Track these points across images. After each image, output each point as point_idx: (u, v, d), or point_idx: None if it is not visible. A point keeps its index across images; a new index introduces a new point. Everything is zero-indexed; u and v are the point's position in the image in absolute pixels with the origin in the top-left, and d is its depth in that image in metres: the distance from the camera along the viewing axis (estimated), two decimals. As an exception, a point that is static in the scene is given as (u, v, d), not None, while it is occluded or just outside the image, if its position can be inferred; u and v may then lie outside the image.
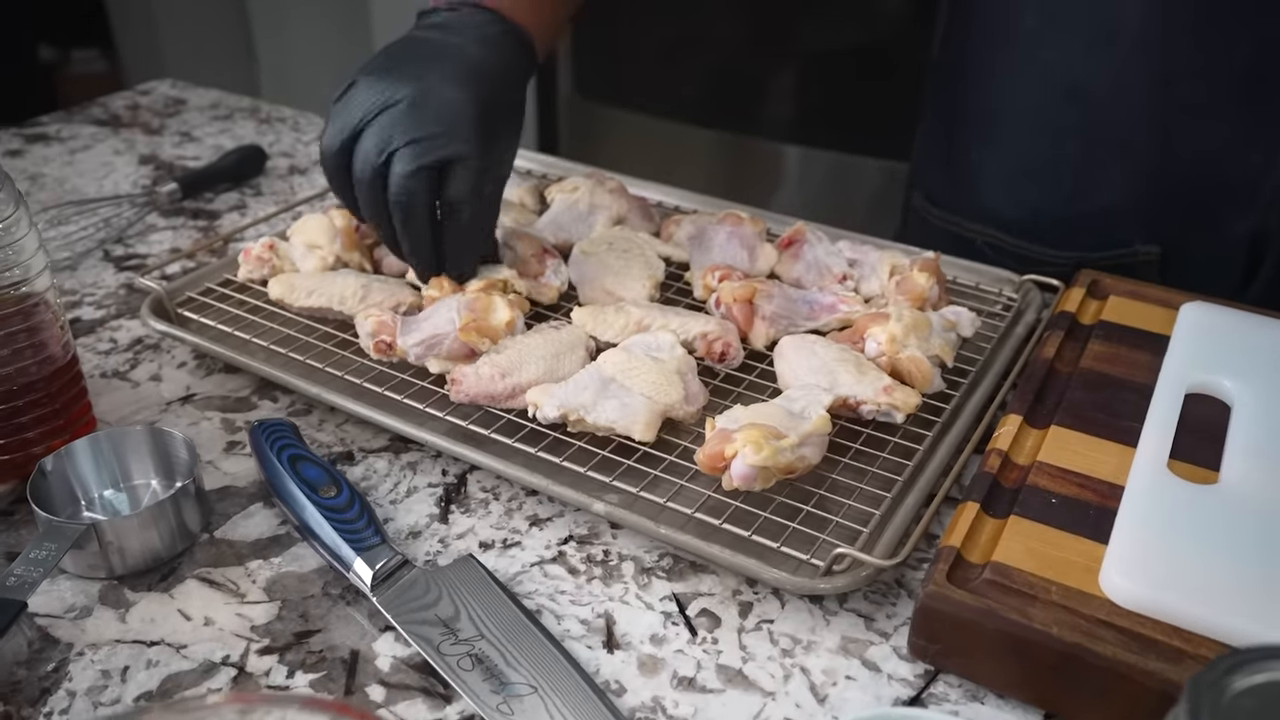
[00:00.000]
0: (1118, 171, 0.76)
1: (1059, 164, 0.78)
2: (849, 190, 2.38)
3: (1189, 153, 0.73)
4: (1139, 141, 0.74)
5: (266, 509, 0.60)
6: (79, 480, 0.58)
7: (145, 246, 0.87)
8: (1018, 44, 0.77)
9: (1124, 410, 0.59)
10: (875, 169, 2.33)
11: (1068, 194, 0.78)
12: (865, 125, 2.33)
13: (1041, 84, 0.77)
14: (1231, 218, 0.74)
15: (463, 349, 0.65)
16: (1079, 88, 0.75)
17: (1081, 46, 0.73)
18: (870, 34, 2.27)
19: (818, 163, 2.42)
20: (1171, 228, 0.76)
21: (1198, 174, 0.73)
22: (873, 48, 2.26)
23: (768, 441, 0.54)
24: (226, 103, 1.16)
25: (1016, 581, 0.48)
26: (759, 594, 0.54)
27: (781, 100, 2.46)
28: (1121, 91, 0.73)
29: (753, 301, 0.69)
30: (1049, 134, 0.78)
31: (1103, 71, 0.73)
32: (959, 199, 0.86)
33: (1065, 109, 0.76)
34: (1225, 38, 0.68)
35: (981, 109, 0.83)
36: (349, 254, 0.76)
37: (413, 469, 0.63)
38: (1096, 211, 0.78)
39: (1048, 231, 0.80)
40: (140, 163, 1.02)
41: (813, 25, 2.34)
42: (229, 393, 0.69)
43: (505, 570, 0.56)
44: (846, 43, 2.31)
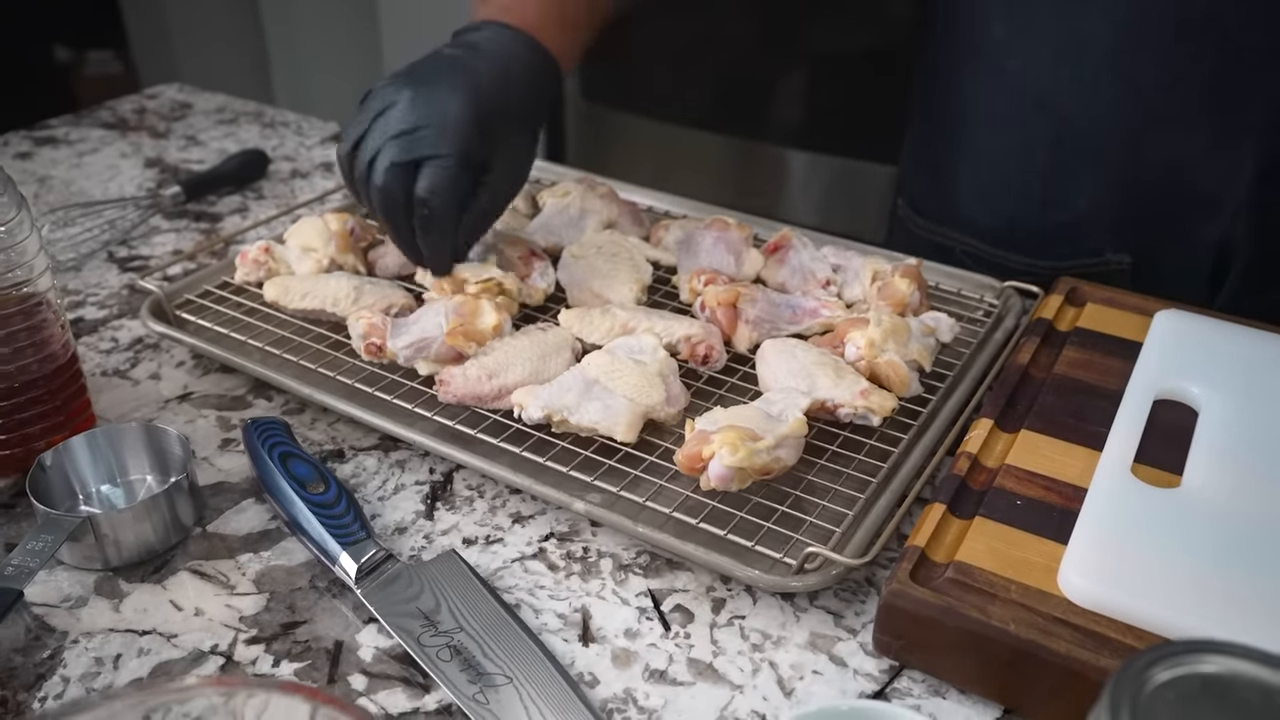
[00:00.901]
0: (1088, 181, 0.77)
1: (1030, 174, 0.79)
2: (854, 196, 2.39)
3: (1158, 162, 0.74)
4: (1108, 151, 0.75)
5: (258, 504, 0.61)
6: (77, 475, 0.60)
7: (148, 248, 0.89)
8: (985, 53, 0.79)
9: (1093, 415, 0.60)
10: (881, 175, 2.34)
11: (1039, 203, 0.80)
12: (871, 131, 2.34)
13: (1010, 94, 0.78)
14: (1200, 226, 0.75)
15: (450, 352, 0.67)
16: (1047, 98, 0.76)
17: (1049, 57, 0.75)
18: (877, 39, 2.28)
19: (823, 168, 2.43)
20: (1142, 236, 0.77)
21: (1167, 183, 0.75)
22: (880, 53, 2.28)
23: (744, 443, 0.56)
24: (232, 107, 1.18)
25: (977, 580, 0.49)
26: (732, 590, 0.56)
27: (788, 105, 2.48)
28: (1090, 102, 0.74)
29: (736, 305, 0.71)
30: (1019, 144, 0.79)
31: (1072, 82, 0.74)
32: (939, 207, 0.87)
33: (1034, 119, 0.77)
34: (1194, 50, 0.70)
35: (955, 118, 0.84)
36: (343, 256, 0.78)
37: (401, 467, 0.65)
38: (1068, 221, 0.79)
39: (1022, 240, 0.82)
40: (146, 165, 1.04)
41: (819, 30, 2.35)
42: (225, 392, 0.71)
43: (487, 565, 0.57)
44: (853, 47, 2.32)
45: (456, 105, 0.66)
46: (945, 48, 0.83)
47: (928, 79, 0.89)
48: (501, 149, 0.69)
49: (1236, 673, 0.30)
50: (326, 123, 1.14)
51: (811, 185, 2.46)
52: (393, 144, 0.65)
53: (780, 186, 2.49)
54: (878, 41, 2.28)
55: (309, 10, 2.92)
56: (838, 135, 2.38)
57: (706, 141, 2.56)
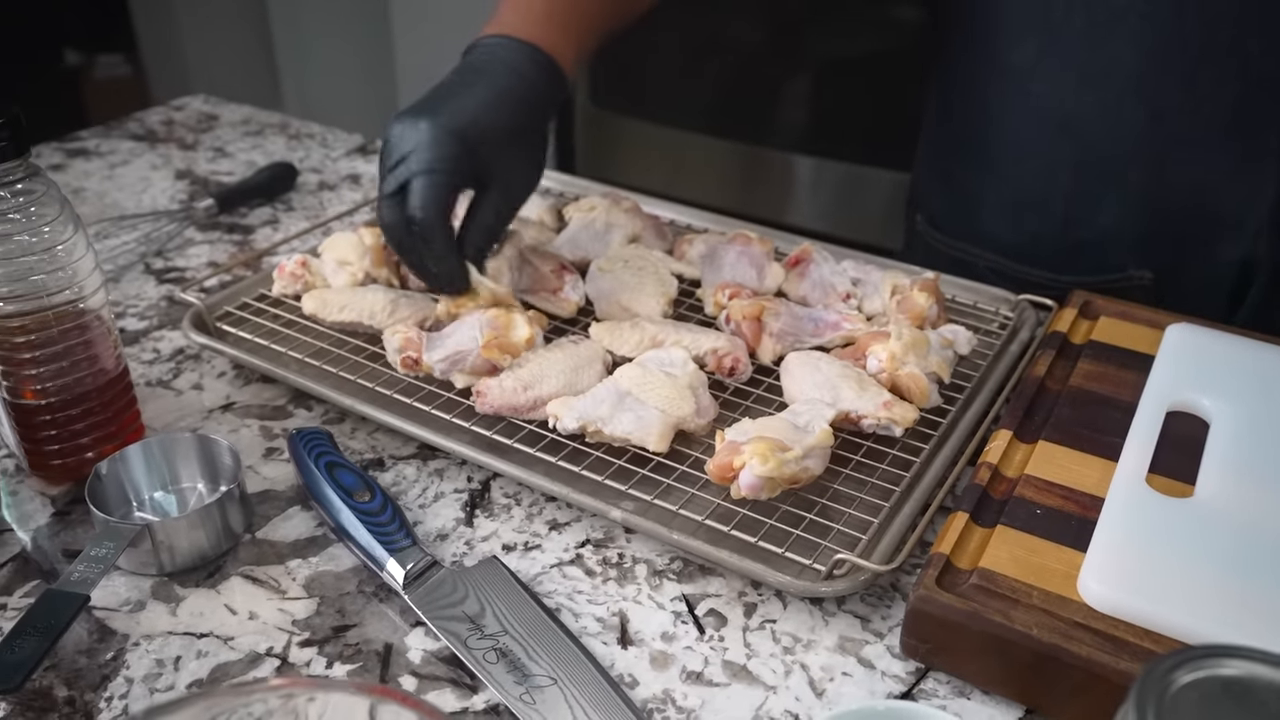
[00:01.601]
0: (1111, 201, 0.79)
1: (1053, 193, 0.82)
2: (863, 202, 2.41)
3: (1181, 184, 0.77)
4: (1131, 173, 0.78)
5: (304, 511, 0.64)
6: (131, 483, 0.63)
7: (184, 260, 0.91)
8: (1010, 76, 0.81)
9: (1108, 426, 0.63)
10: (889, 181, 2.36)
11: (1062, 222, 0.82)
12: (879, 137, 2.37)
13: (1034, 116, 0.81)
14: (1222, 245, 0.78)
15: (485, 364, 0.69)
16: (1072, 120, 0.78)
17: (1074, 81, 0.77)
18: (882, 44, 2.30)
19: (831, 174, 2.45)
20: (1164, 254, 0.80)
21: (1189, 204, 0.77)
22: (887, 59, 2.30)
23: (774, 453, 0.58)
24: (257, 119, 1.21)
25: (1001, 586, 0.52)
26: (763, 595, 0.58)
27: (795, 111, 2.50)
28: (1114, 125, 0.77)
29: (761, 319, 0.73)
30: (1043, 165, 0.81)
31: (1096, 106, 0.77)
32: (960, 224, 0.90)
33: (1058, 140, 0.80)
34: (1217, 76, 0.72)
35: (977, 140, 0.86)
36: (377, 270, 0.80)
37: (440, 475, 0.67)
38: (1091, 239, 0.81)
39: (1045, 257, 0.84)
40: (176, 177, 1.06)
41: (827, 36, 2.37)
42: (266, 402, 0.73)
43: (526, 571, 0.60)
44: (860, 53, 2.34)
45: (434, 127, 0.67)
46: (966, 68, 0.86)
47: (946, 97, 0.91)
48: (497, 162, 0.70)
49: (1255, 676, 0.33)
50: (351, 135, 1.17)
51: (818, 190, 2.48)
52: (387, 180, 0.69)
53: (787, 192, 2.51)
54: (883, 46, 2.30)
55: (318, 15, 2.94)
56: (844, 140, 2.40)
57: (714, 147, 2.59)
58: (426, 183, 0.67)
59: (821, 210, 2.50)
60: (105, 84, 3.37)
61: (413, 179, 0.67)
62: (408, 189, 0.67)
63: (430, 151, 0.67)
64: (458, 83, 0.71)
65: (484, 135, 0.69)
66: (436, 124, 0.67)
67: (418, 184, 0.67)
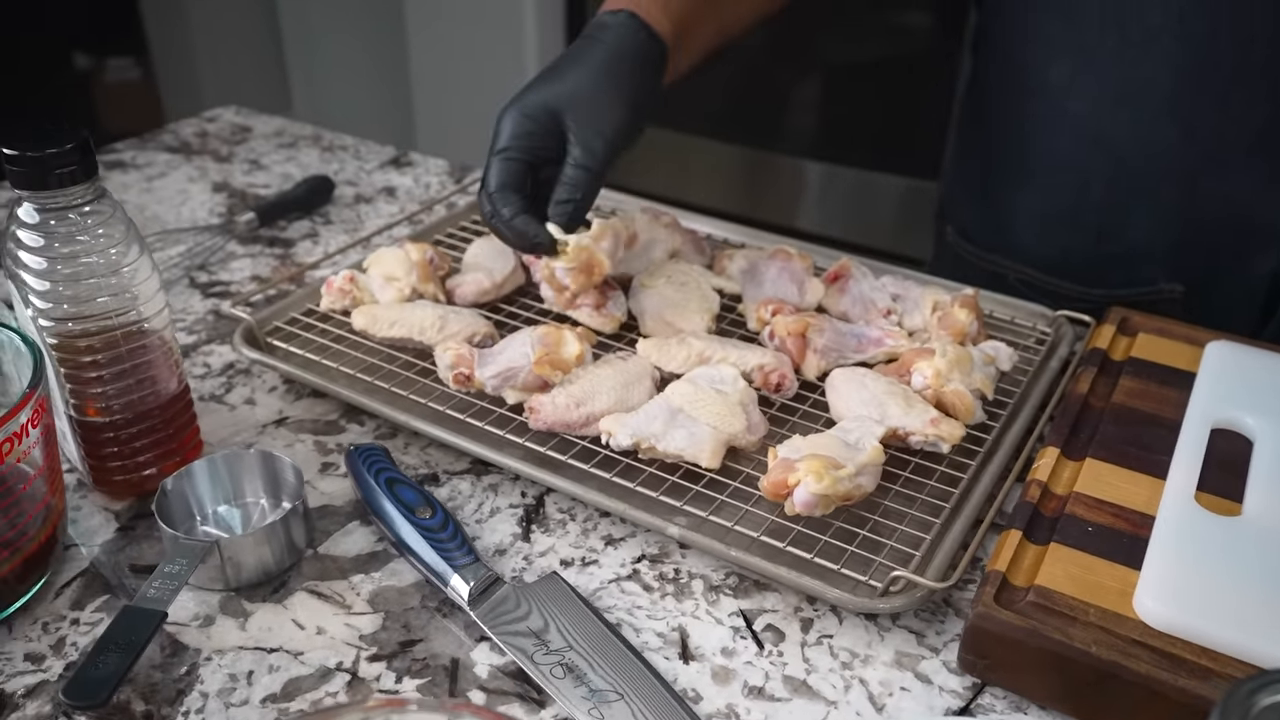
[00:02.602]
0: (1143, 216, 0.81)
1: (1085, 208, 0.83)
2: (873, 208, 2.43)
3: (1213, 200, 0.78)
4: (1164, 189, 0.79)
5: (363, 526, 0.65)
6: (195, 498, 0.64)
7: (227, 274, 0.93)
8: (1044, 93, 0.82)
9: (1154, 444, 0.64)
10: (897, 186, 2.38)
11: (1094, 236, 0.83)
12: (888, 142, 2.38)
13: (1068, 133, 0.82)
14: (1253, 259, 0.79)
15: (536, 380, 0.70)
16: (1105, 137, 0.80)
17: (1110, 100, 0.78)
18: (895, 50, 2.32)
19: (839, 179, 2.47)
20: (1195, 268, 0.81)
21: (1221, 219, 0.78)
22: (897, 64, 2.31)
23: (828, 471, 0.60)
24: (290, 130, 1.22)
25: (1058, 604, 0.53)
26: (819, 611, 0.59)
27: (804, 115, 2.51)
28: (1148, 143, 0.78)
29: (805, 335, 0.74)
30: (1075, 180, 0.83)
31: (1130, 124, 0.78)
32: (993, 237, 0.91)
33: (1091, 157, 0.81)
34: (1250, 96, 0.73)
35: (1010, 154, 0.88)
36: (424, 285, 0.81)
37: (494, 490, 0.68)
38: (1122, 253, 0.83)
39: (1077, 270, 0.85)
40: (214, 190, 1.08)
41: (836, 41, 2.39)
42: (318, 416, 0.75)
43: (585, 586, 0.61)
44: (870, 59, 2.36)
45: (511, 111, 0.73)
46: (999, 84, 0.87)
47: (977, 110, 0.92)
48: (576, 126, 0.72)
49: (1336, 700, 0.34)
50: (384, 146, 1.18)
51: (826, 196, 2.49)
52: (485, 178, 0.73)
53: (794, 197, 2.53)
54: (891, 52, 2.31)
55: (329, 17, 2.95)
56: (852, 146, 2.42)
57: (719, 151, 2.60)
58: (497, 162, 0.72)
59: (829, 215, 2.51)
60: (116, 88, 3.38)
61: (490, 161, 0.72)
62: (486, 173, 0.73)
63: (505, 133, 0.72)
64: (554, 64, 0.75)
65: (562, 106, 0.72)
66: (514, 108, 0.73)
67: (491, 166, 0.72)
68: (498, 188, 0.72)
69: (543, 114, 0.72)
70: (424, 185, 1.10)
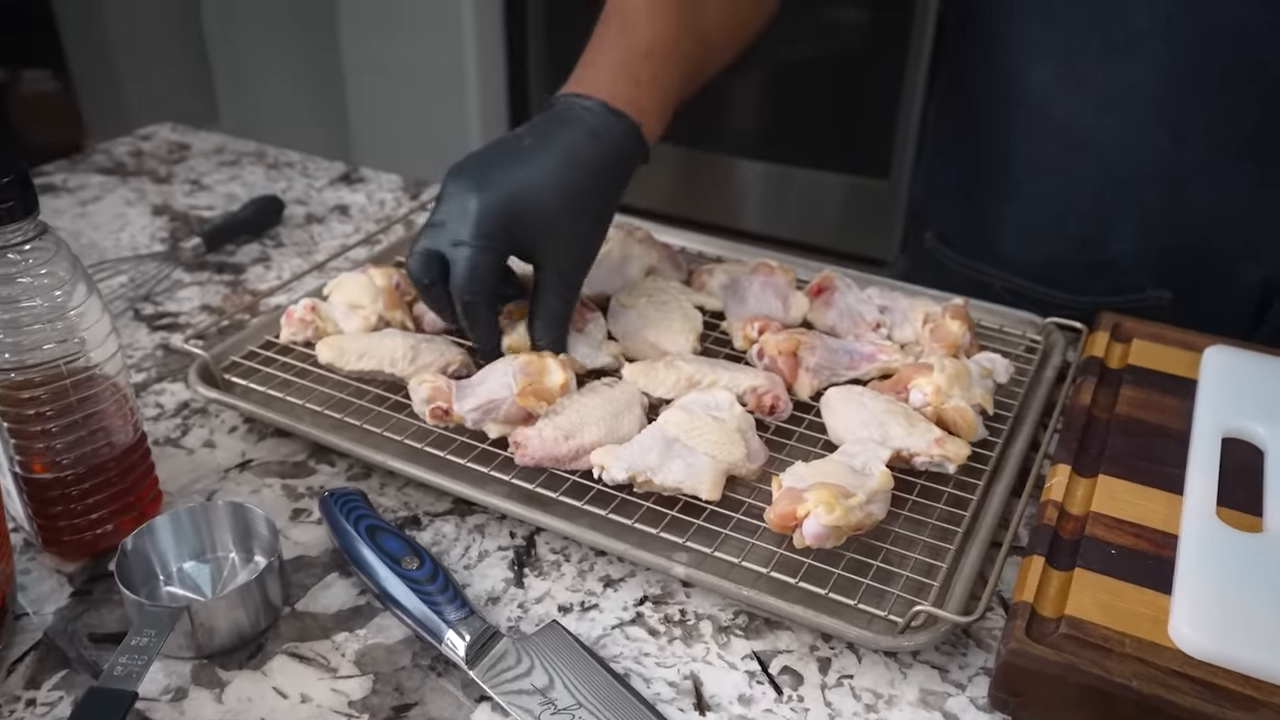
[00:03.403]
0: (1130, 222, 0.79)
1: (1071, 215, 0.81)
2: (822, 207, 2.42)
3: (1200, 206, 0.77)
4: (1151, 195, 0.78)
5: (343, 578, 0.61)
6: (158, 556, 0.59)
7: (175, 304, 0.87)
8: (1027, 100, 0.81)
9: (1165, 457, 0.62)
10: (846, 185, 2.37)
11: (1080, 244, 0.82)
12: (835, 141, 2.37)
13: (1052, 138, 0.80)
14: (1243, 265, 0.78)
15: (520, 412, 0.67)
16: (1091, 143, 0.78)
17: (1093, 104, 0.77)
18: (837, 48, 2.30)
19: (788, 180, 2.45)
20: (1183, 275, 0.80)
21: (1209, 225, 0.77)
22: (840, 63, 2.30)
23: (839, 501, 0.57)
24: (231, 147, 1.16)
25: (1091, 635, 0.50)
26: (835, 649, 0.57)
27: (749, 116, 2.49)
28: (1134, 148, 0.76)
29: (797, 353, 0.71)
30: (1061, 186, 0.81)
31: (1115, 129, 0.76)
32: (977, 244, 0.89)
33: (1077, 163, 0.79)
34: (1237, 100, 0.72)
35: (993, 159, 0.86)
36: (391, 313, 0.77)
37: (480, 532, 0.64)
38: (1109, 260, 0.81)
39: (1063, 278, 0.84)
40: (154, 214, 1.02)
41: (779, 40, 2.37)
42: (285, 458, 0.70)
43: (587, 634, 0.57)
44: (812, 57, 2.34)
45: (477, 199, 0.66)
46: (979, 88, 0.85)
47: (955, 114, 0.90)
48: (547, 239, 0.68)
49: None
50: (332, 163, 1.13)
51: (771, 197, 2.48)
52: (425, 234, 0.68)
53: (740, 198, 2.50)
54: (833, 50, 2.29)
55: (256, 28, 2.86)
56: (798, 145, 2.40)
57: (667, 154, 2.57)
58: (469, 263, 0.65)
59: (775, 216, 2.50)
60: (33, 99, 3.25)
61: (458, 250, 0.66)
62: (451, 260, 0.66)
63: (474, 230, 0.65)
64: (528, 145, 0.68)
65: (545, 213, 0.67)
66: (484, 198, 0.66)
67: (460, 262, 0.66)
68: (475, 296, 0.66)
69: (522, 217, 0.66)
70: (378, 202, 1.05)
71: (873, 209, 2.32)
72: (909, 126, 2.17)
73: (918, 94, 2.13)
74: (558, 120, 0.69)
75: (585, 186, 0.68)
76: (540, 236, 0.68)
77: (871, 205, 2.31)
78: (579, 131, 0.68)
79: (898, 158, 2.21)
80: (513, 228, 0.66)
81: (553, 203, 0.67)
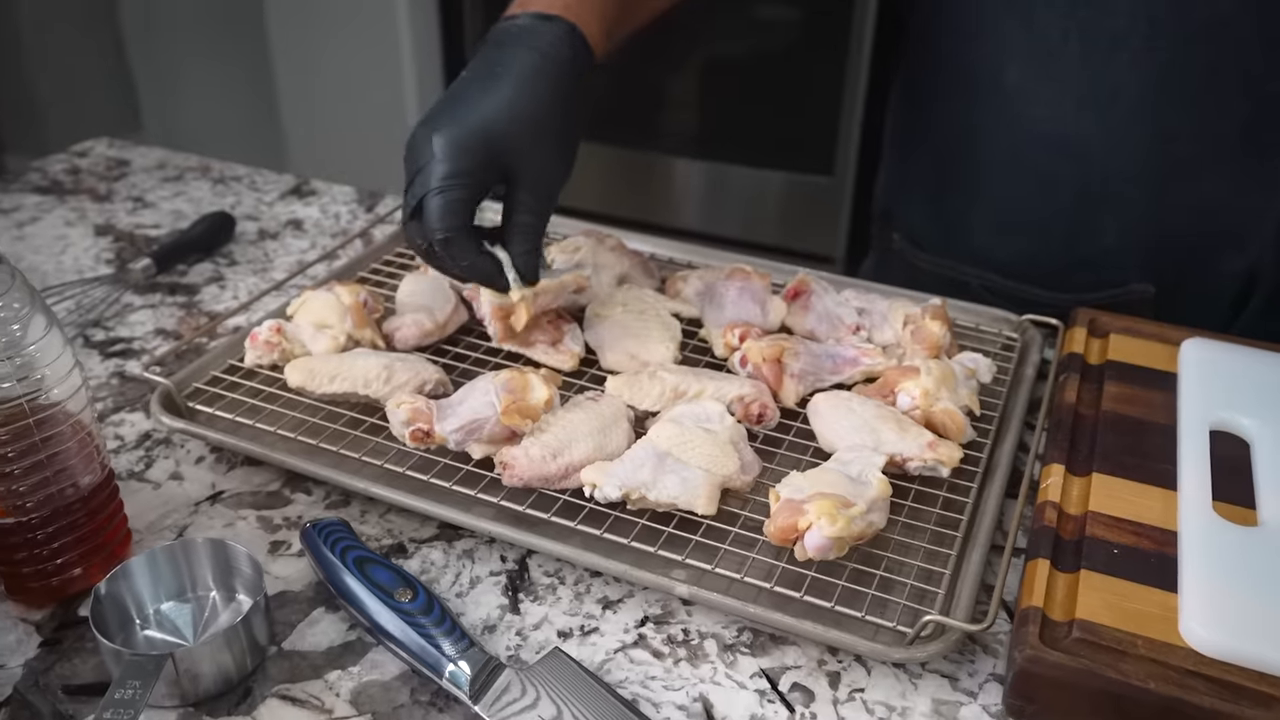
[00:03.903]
0: (1114, 220, 0.79)
1: (1053, 215, 0.81)
2: (765, 205, 2.42)
3: (1186, 203, 0.77)
4: (1135, 193, 0.78)
5: (330, 613, 0.58)
6: (134, 598, 0.56)
7: (127, 329, 0.83)
8: (1002, 100, 0.80)
9: (1154, 452, 0.62)
10: (787, 182, 2.37)
11: (1062, 242, 0.82)
12: (775, 138, 2.37)
13: (1031, 139, 0.80)
14: (1226, 258, 0.78)
15: (504, 431, 0.65)
16: (1072, 144, 0.78)
17: (1073, 104, 0.77)
18: (775, 45, 2.30)
19: (728, 178, 2.45)
20: (1166, 269, 0.80)
21: (1194, 220, 0.77)
22: (778, 59, 2.30)
23: (840, 512, 0.56)
24: (173, 162, 1.12)
25: (1104, 638, 0.50)
26: (843, 662, 0.56)
27: (689, 114, 2.48)
28: (1117, 148, 0.76)
29: (781, 360, 0.71)
30: (1041, 186, 0.81)
31: (1097, 129, 0.76)
32: (950, 243, 0.89)
33: (1058, 163, 0.79)
34: (1221, 99, 0.72)
35: (966, 159, 0.85)
36: (360, 331, 0.75)
37: (470, 557, 0.62)
38: (1092, 257, 0.81)
39: (1044, 275, 0.84)
40: (97, 234, 0.97)
41: (723, 38, 2.36)
42: (258, 488, 0.67)
43: (590, 659, 0.56)
44: (749, 54, 2.34)
45: (446, 140, 0.64)
46: (947, 87, 0.84)
47: (922, 113, 0.90)
48: (522, 158, 0.67)
49: None
50: (281, 175, 1.09)
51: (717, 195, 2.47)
52: (406, 199, 0.66)
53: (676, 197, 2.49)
54: (771, 47, 2.29)
55: (177, 31, 2.77)
56: (738, 143, 2.40)
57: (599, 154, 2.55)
58: (440, 202, 0.64)
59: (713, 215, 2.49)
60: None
61: (427, 198, 0.64)
62: (423, 208, 0.64)
63: (443, 167, 0.64)
64: (476, 77, 0.67)
65: (504, 135, 0.65)
66: (447, 136, 0.64)
67: (432, 204, 0.64)
68: (447, 233, 0.64)
69: (482, 144, 0.65)
70: (333, 216, 1.02)
71: (817, 206, 2.32)
72: (852, 122, 2.18)
73: (860, 89, 2.14)
74: (494, 46, 0.69)
75: (536, 99, 0.66)
76: (506, 159, 0.66)
77: (815, 202, 2.32)
78: (516, 49, 0.67)
79: (841, 154, 2.22)
80: (476, 158, 0.65)
81: (507, 124, 0.65)
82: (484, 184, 0.66)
